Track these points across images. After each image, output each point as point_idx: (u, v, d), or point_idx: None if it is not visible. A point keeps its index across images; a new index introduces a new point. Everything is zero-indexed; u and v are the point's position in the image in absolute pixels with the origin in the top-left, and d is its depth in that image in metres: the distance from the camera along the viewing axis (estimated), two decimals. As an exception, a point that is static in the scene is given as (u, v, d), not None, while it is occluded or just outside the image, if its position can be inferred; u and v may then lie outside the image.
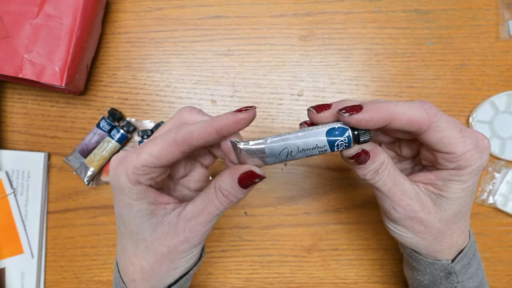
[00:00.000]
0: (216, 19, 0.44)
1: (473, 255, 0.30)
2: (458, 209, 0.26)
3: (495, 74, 0.44)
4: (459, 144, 0.24)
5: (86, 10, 0.38)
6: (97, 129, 0.42)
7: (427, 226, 0.27)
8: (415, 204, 0.26)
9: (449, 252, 0.29)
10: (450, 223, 0.27)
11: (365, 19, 0.44)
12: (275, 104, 0.44)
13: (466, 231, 0.29)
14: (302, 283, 0.43)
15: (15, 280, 0.41)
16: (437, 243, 0.28)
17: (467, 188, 0.26)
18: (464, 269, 0.30)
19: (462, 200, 0.26)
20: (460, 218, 0.27)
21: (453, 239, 0.28)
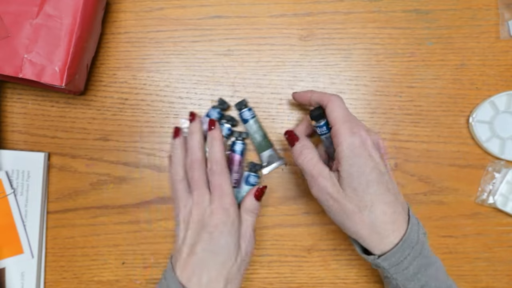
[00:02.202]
0: (216, 19, 0.44)
1: (411, 258, 0.30)
2: (354, 186, 0.31)
3: (495, 74, 0.44)
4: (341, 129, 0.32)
5: (86, 10, 0.38)
6: (206, 118, 0.42)
7: (338, 202, 0.32)
8: (327, 182, 0.32)
9: (376, 248, 0.31)
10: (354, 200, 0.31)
11: (365, 19, 0.44)
12: (275, 104, 0.44)
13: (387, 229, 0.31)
14: (302, 283, 0.43)
15: (15, 280, 0.41)
16: (350, 221, 0.32)
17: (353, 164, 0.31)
18: (395, 269, 0.31)
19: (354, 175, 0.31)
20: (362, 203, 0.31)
21: (364, 218, 0.31)
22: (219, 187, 0.35)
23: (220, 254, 0.34)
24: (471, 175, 0.44)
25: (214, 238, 0.34)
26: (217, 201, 0.35)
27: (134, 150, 0.43)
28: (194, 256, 0.34)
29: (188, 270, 0.34)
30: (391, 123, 0.44)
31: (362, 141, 0.31)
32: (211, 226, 0.34)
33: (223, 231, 0.34)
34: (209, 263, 0.33)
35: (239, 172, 0.42)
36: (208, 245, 0.34)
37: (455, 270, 0.44)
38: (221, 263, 0.34)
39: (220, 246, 0.34)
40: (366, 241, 0.32)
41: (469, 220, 0.44)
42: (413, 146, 0.44)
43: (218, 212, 0.34)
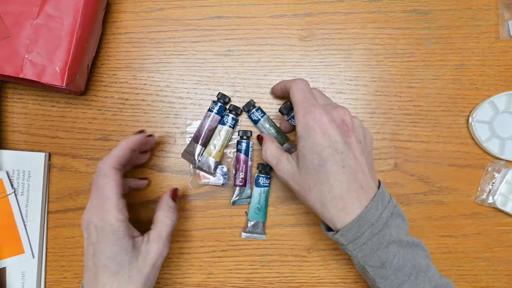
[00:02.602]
0: (216, 19, 0.44)
1: (369, 234, 0.30)
2: (307, 165, 0.31)
3: (495, 74, 0.44)
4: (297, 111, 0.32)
5: (86, 10, 0.38)
6: (208, 113, 0.42)
7: (294, 183, 0.33)
8: (284, 166, 0.34)
9: (335, 222, 0.31)
10: (307, 179, 0.32)
11: (365, 19, 0.44)
12: (275, 104, 0.44)
13: (338, 205, 0.31)
14: (302, 283, 0.43)
15: (15, 279, 0.41)
16: (306, 200, 0.32)
17: (306, 143, 0.31)
18: (353, 244, 0.31)
19: (306, 155, 0.31)
20: (313, 181, 0.31)
21: (313, 196, 0.31)
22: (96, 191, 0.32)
23: (109, 266, 0.31)
24: (471, 175, 0.44)
25: (98, 251, 0.31)
26: (93, 208, 0.32)
27: (134, 150, 0.44)
28: (87, 272, 0.32)
29: (87, 284, 0.32)
30: (390, 123, 0.44)
31: (316, 120, 0.31)
32: (93, 237, 0.31)
33: (106, 242, 0.31)
34: (101, 277, 0.31)
35: (245, 171, 0.42)
36: (94, 258, 0.31)
37: (455, 269, 0.44)
38: (114, 273, 0.31)
39: (105, 258, 0.31)
40: (322, 218, 0.32)
41: (469, 220, 0.44)
42: (413, 146, 0.44)
43: (94, 221, 0.31)
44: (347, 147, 0.31)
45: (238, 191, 0.42)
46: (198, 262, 0.43)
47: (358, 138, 0.33)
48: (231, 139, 0.43)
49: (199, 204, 0.43)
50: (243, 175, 0.42)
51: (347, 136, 0.32)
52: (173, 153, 0.44)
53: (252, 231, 0.42)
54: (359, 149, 0.32)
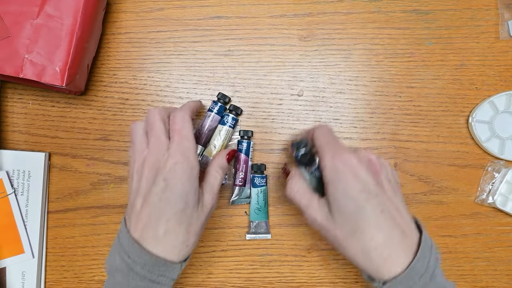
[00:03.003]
0: (216, 19, 0.44)
1: (420, 286, 0.28)
2: (341, 211, 0.29)
3: (495, 74, 0.44)
4: (324, 154, 0.31)
5: (86, 10, 0.38)
6: (208, 113, 0.42)
7: (328, 231, 0.30)
8: (315, 212, 0.31)
9: (377, 274, 0.29)
10: (344, 226, 0.29)
11: (365, 19, 0.44)
12: (275, 104, 0.44)
13: (384, 255, 0.28)
14: (302, 283, 0.43)
15: (15, 279, 0.41)
16: (344, 249, 0.30)
17: (338, 187, 0.29)
18: None
19: (339, 200, 0.29)
20: (351, 228, 0.29)
21: (354, 245, 0.29)
22: (179, 132, 0.32)
23: (178, 203, 0.30)
24: (471, 175, 0.44)
25: (171, 185, 0.30)
26: (175, 145, 0.31)
27: (134, 150, 0.44)
28: (149, 207, 0.30)
29: (142, 223, 0.30)
30: (390, 123, 0.44)
31: (345, 163, 0.29)
32: (167, 171, 0.30)
33: (181, 177, 0.30)
34: (166, 213, 0.30)
35: (245, 171, 0.42)
36: (164, 193, 0.30)
37: (455, 270, 0.44)
38: (180, 211, 0.30)
39: (177, 194, 0.30)
40: (364, 268, 0.29)
41: (469, 219, 0.44)
42: (413, 146, 0.44)
43: (175, 156, 0.31)
44: (380, 189, 0.29)
45: (237, 190, 0.42)
46: (198, 262, 0.43)
47: (387, 177, 0.31)
48: (231, 139, 0.43)
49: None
50: (243, 175, 0.42)
51: (377, 177, 0.30)
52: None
53: (256, 232, 0.42)
54: (391, 189, 0.30)
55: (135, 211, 0.31)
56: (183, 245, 0.31)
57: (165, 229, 0.30)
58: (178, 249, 0.30)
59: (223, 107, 0.42)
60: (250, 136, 0.42)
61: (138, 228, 0.30)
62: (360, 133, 0.44)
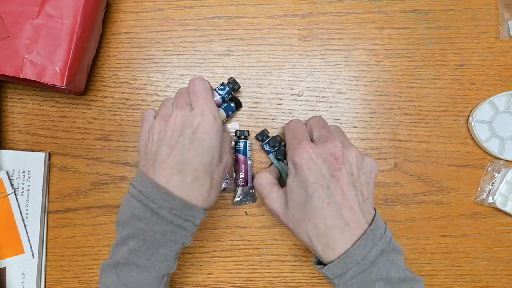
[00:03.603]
0: (216, 19, 0.44)
1: (353, 273, 0.30)
2: (294, 200, 0.32)
3: (495, 74, 0.44)
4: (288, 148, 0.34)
5: (86, 10, 0.38)
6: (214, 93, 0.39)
7: (283, 218, 0.33)
8: (274, 202, 0.34)
9: (324, 256, 0.31)
10: (295, 215, 0.32)
11: (364, 19, 0.44)
12: (275, 104, 0.44)
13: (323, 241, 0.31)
14: (302, 283, 0.43)
15: (15, 279, 0.41)
16: (296, 235, 0.33)
17: (294, 180, 0.32)
18: (339, 279, 0.30)
19: (294, 191, 0.32)
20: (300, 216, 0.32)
21: (301, 231, 0.32)
22: (203, 96, 0.34)
23: (206, 155, 0.32)
24: (471, 175, 0.44)
25: (200, 138, 0.32)
26: (201, 105, 0.33)
27: (134, 150, 0.44)
28: (176, 155, 0.31)
29: (168, 170, 0.31)
30: (390, 123, 0.44)
31: (301, 157, 0.31)
32: (196, 125, 0.32)
33: (209, 132, 0.32)
34: (194, 162, 0.31)
35: (245, 171, 0.42)
36: (193, 144, 0.31)
37: (455, 269, 0.44)
38: (207, 163, 0.32)
39: (206, 146, 0.32)
40: (313, 251, 0.33)
41: (469, 219, 0.44)
42: (413, 146, 0.44)
43: (204, 113, 0.32)
44: (334, 181, 0.31)
45: (240, 191, 0.42)
46: (198, 262, 0.43)
47: (349, 171, 0.31)
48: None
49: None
50: (243, 175, 0.42)
51: (335, 170, 0.31)
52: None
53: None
54: (348, 183, 0.31)
55: (160, 158, 0.32)
56: (207, 194, 0.33)
57: (193, 177, 0.31)
58: (203, 197, 0.32)
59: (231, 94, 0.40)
60: (247, 136, 0.42)
61: (165, 174, 0.31)
62: (360, 133, 0.44)
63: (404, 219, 0.44)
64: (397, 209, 0.44)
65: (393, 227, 0.44)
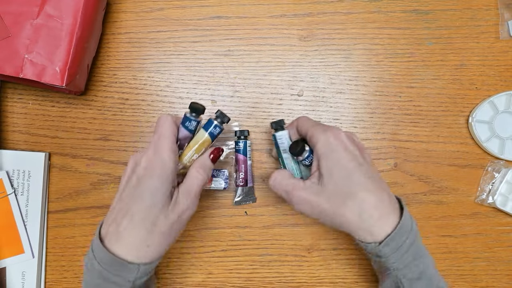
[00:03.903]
0: (216, 19, 0.44)
1: (407, 241, 0.31)
2: (335, 180, 0.32)
3: (495, 74, 0.44)
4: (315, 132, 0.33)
5: (86, 10, 0.38)
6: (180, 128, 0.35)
7: (320, 204, 0.32)
8: (303, 191, 0.33)
9: (371, 237, 0.31)
10: (337, 194, 0.31)
11: (365, 19, 0.44)
12: (275, 104, 0.44)
13: (375, 216, 0.31)
14: (302, 283, 0.43)
15: (15, 279, 0.41)
16: (338, 217, 0.32)
17: (331, 158, 0.32)
18: (396, 255, 0.31)
19: (333, 170, 0.32)
20: (345, 194, 0.31)
21: (349, 209, 0.31)
22: (157, 132, 0.32)
23: (145, 199, 0.30)
24: (471, 175, 0.44)
25: (141, 182, 0.31)
26: (152, 144, 0.32)
27: (134, 150, 0.44)
28: (119, 203, 0.31)
29: (109, 219, 0.31)
30: (390, 123, 0.44)
31: (335, 136, 0.32)
32: (141, 168, 0.31)
33: (152, 174, 0.30)
34: (132, 209, 0.30)
35: (245, 171, 0.42)
36: (135, 190, 0.31)
37: (455, 269, 0.44)
38: (145, 208, 0.30)
39: (145, 190, 0.30)
40: (358, 232, 0.32)
41: (469, 219, 0.44)
42: (413, 146, 0.44)
43: (148, 153, 0.31)
44: (365, 160, 0.33)
45: (240, 191, 0.42)
46: (198, 262, 0.43)
47: (367, 153, 0.35)
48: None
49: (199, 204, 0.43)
50: (243, 175, 0.42)
51: (362, 151, 0.33)
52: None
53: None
54: (371, 162, 0.34)
55: (111, 208, 0.32)
56: (143, 245, 0.30)
57: (126, 225, 0.30)
58: (136, 248, 0.30)
59: (221, 129, 0.35)
60: (247, 136, 0.42)
61: (106, 225, 0.31)
62: (360, 133, 0.44)
63: (404, 219, 0.44)
64: (397, 209, 0.44)
65: (393, 227, 0.44)
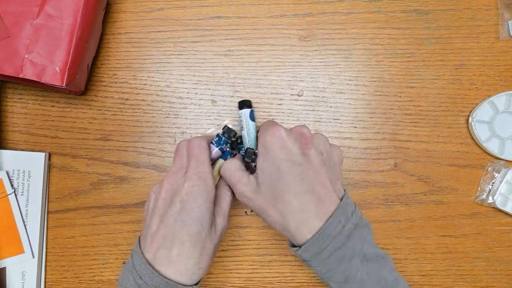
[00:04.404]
0: (216, 19, 0.44)
1: (332, 249, 0.30)
2: (266, 180, 0.31)
3: (495, 74, 0.44)
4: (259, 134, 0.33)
5: (86, 10, 0.38)
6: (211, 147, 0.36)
7: (254, 201, 0.32)
8: (244, 187, 0.33)
9: (299, 239, 0.31)
10: (267, 195, 0.31)
11: (364, 19, 0.44)
12: (275, 104, 0.44)
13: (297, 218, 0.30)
14: (302, 283, 0.43)
15: (15, 279, 0.41)
16: (268, 217, 0.32)
17: (265, 159, 0.32)
18: (317, 260, 0.30)
19: (266, 170, 0.31)
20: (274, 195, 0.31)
21: (275, 211, 0.31)
22: (195, 157, 0.33)
23: (194, 225, 0.31)
24: (471, 175, 0.44)
25: (187, 207, 0.31)
26: (192, 169, 0.32)
27: (134, 150, 0.44)
28: (164, 228, 0.31)
29: (155, 244, 0.31)
30: (390, 123, 0.44)
31: (272, 134, 0.31)
32: (184, 193, 0.31)
33: (198, 200, 0.31)
34: (181, 235, 0.31)
35: None
36: (180, 215, 0.31)
37: (455, 269, 0.44)
38: (195, 234, 0.31)
39: (193, 216, 0.31)
40: (285, 234, 0.32)
41: (469, 220, 0.44)
42: (413, 146, 0.44)
43: (192, 178, 0.32)
44: (306, 159, 0.31)
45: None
46: (198, 262, 0.43)
47: (318, 150, 0.32)
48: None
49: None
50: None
51: (306, 148, 0.31)
52: (173, 153, 0.44)
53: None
54: (319, 161, 0.32)
55: (151, 232, 0.32)
56: (195, 268, 0.31)
57: (178, 251, 0.30)
58: (191, 271, 0.31)
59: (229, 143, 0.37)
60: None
61: (152, 249, 0.31)
62: (360, 133, 0.44)
63: (404, 219, 0.44)
64: (397, 209, 0.44)
65: (393, 227, 0.44)
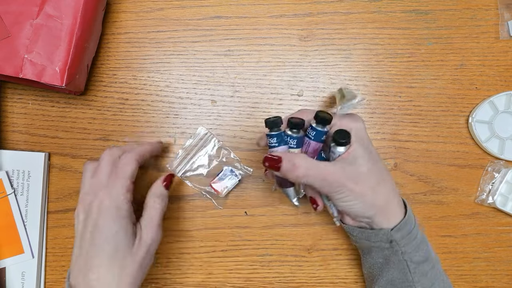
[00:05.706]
0: (216, 19, 0.44)
1: (414, 229, 0.33)
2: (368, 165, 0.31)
3: (495, 74, 0.44)
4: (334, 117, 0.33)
5: (86, 10, 0.38)
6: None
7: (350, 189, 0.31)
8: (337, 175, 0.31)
9: (387, 223, 0.32)
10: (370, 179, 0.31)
11: (364, 19, 0.44)
12: (275, 105, 0.44)
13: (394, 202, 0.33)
14: (302, 283, 0.43)
15: (15, 280, 0.41)
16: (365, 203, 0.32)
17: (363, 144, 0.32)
18: (406, 240, 0.32)
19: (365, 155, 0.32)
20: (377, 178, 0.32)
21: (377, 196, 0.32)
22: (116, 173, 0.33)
23: (107, 246, 0.30)
24: (471, 175, 0.44)
25: (99, 227, 0.30)
26: (107, 187, 0.32)
27: (134, 150, 0.44)
28: (80, 251, 0.31)
29: (76, 268, 0.31)
30: (390, 123, 0.44)
31: (363, 127, 0.33)
32: (94, 213, 0.31)
33: (106, 218, 0.30)
34: (96, 258, 0.30)
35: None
36: (93, 237, 0.30)
37: (455, 269, 0.44)
38: (110, 255, 0.30)
39: (106, 236, 0.30)
40: (379, 218, 0.32)
41: (469, 220, 0.44)
42: (413, 146, 0.44)
43: (102, 197, 0.31)
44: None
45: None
46: (198, 262, 0.43)
47: None
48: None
49: (199, 204, 0.43)
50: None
51: None
52: (173, 153, 0.44)
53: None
54: None
55: (74, 256, 0.32)
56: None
57: (96, 277, 0.30)
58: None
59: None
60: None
61: (74, 274, 0.31)
62: (360, 133, 0.44)
63: (404, 219, 0.44)
64: (397, 209, 0.44)
65: (393, 227, 0.44)
